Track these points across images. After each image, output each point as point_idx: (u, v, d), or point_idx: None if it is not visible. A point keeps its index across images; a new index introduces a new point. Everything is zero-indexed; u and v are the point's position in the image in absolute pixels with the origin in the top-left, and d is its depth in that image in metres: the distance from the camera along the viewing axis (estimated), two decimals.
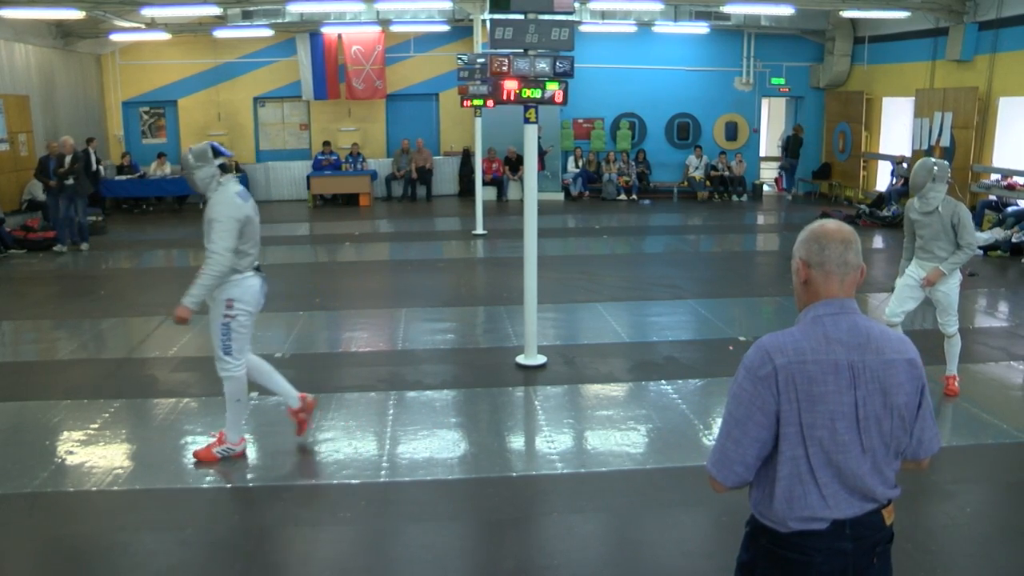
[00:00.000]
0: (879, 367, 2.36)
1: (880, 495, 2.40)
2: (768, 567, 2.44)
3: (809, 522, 2.36)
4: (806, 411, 2.31)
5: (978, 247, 12.60)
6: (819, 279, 2.41)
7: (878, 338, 2.39)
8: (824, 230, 2.43)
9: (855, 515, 2.37)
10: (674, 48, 19.78)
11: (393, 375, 7.34)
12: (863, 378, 2.33)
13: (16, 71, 15.50)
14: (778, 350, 2.34)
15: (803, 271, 2.43)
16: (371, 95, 19.62)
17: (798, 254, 2.45)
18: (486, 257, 13.31)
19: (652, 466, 5.56)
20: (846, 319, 2.38)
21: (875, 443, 2.36)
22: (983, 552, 4.51)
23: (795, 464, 2.34)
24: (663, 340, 8.35)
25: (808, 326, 2.39)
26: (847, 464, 2.33)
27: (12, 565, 4.44)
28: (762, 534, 2.45)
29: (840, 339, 2.35)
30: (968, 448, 5.77)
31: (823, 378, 2.31)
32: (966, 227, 6.21)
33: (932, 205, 6.23)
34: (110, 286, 11.22)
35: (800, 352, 2.33)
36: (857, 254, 2.41)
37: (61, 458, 5.64)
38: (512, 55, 6.85)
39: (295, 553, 4.52)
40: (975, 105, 14.55)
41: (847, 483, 2.36)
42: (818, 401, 2.30)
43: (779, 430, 2.34)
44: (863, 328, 2.39)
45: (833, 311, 2.39)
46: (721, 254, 14.10)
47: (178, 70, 19.45)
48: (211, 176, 5.41)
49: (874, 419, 2.35)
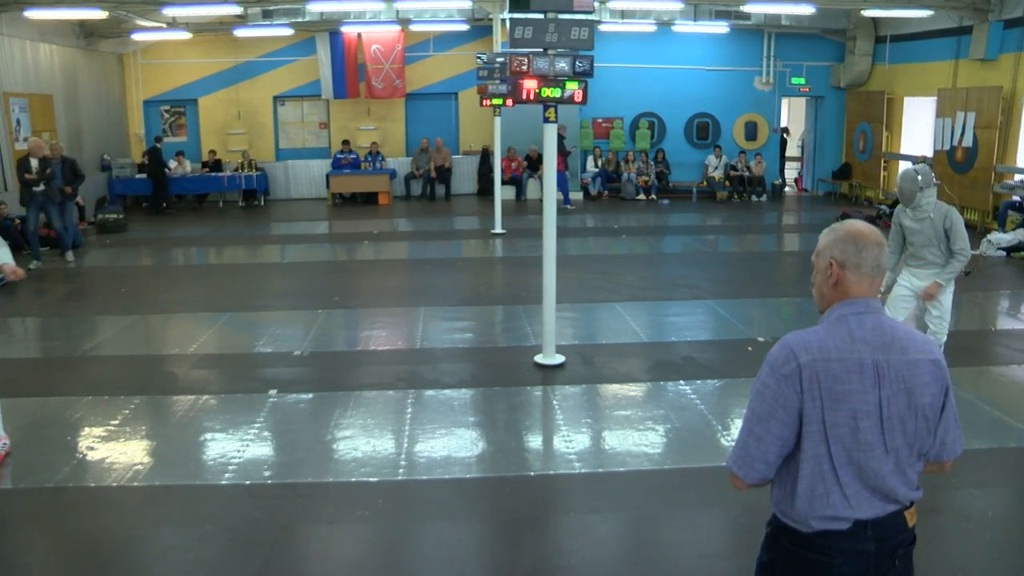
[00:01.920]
0: (904, 367, 2.34)
1: (902, 496, 2.38)
2: (788, 568, 2.43)
3: (831, 521, 2.34)
4: (829, 409, 2.30)
5: (999, 248, 12.57)
6: (852, 280, 2.40)
7: (903, 338, 2.38)
8: (859, 232, 2.42)
9: (877, 516, 2.36)
10: (694, 48, 19.69)
11: (411, 374, 7.35)
12: (887, 378, 2.32)
13: (40, 71, 15.67)
14: (803, 348, 2.34)
15: (836, 272, 2.42)
16: (390, 94, 19.67)
17: (830, 254, 2.43)
18: (504, 256, 13.30)
19: (670, 466, 5.54)
20: (871, 318, 2.38)
21: (899, 443, 2.35)
22: (1005, 557, 4.46)
23: (817, 463, 2.33)
24: (682, 340, 8.32)
25: (833, 325, 2.38)
26: (869, 464, 2.32)
27: (35, 559, 4.49)
28: (783, 534, 2.44)
29: (865, 338, 2.35)
30: (991, 451, 5.70)
31: (847, 377, 2.30)
32: (959, 232, 6.08)
33: (926, 212, 6.12)
34: (131, 283, 11.30)
35: (825, 350, 2.32)
36: (887, 256, 2.43)
37: (82, 454, 5.69)
38: (532, 54, 6.84)
39: (313, 550, 4.54)
40: (999, 105, 14.38)
41: (869, 483, 2.34)
42: (841, 399, 2.30)
43: (802, 428, 2.33)
44: (888, 328, 2.38)
45: (858, 310, 2.39)
46: (740, 254, 14.03)
47: (199, 69, 19.58)
48: None
49: (898, 419, 2.33)
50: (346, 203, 19.20)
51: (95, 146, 17.99)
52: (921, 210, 6.13)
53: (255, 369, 7.58)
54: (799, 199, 20.39)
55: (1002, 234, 13.03)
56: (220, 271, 12.78)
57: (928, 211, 6.11)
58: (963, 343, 6.58)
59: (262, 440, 5.96)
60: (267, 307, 9.84)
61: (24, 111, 14.81)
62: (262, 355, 7.99)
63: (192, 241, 14.80)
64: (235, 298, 10.33)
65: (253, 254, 13.90)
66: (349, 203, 19.21)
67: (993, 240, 12.80)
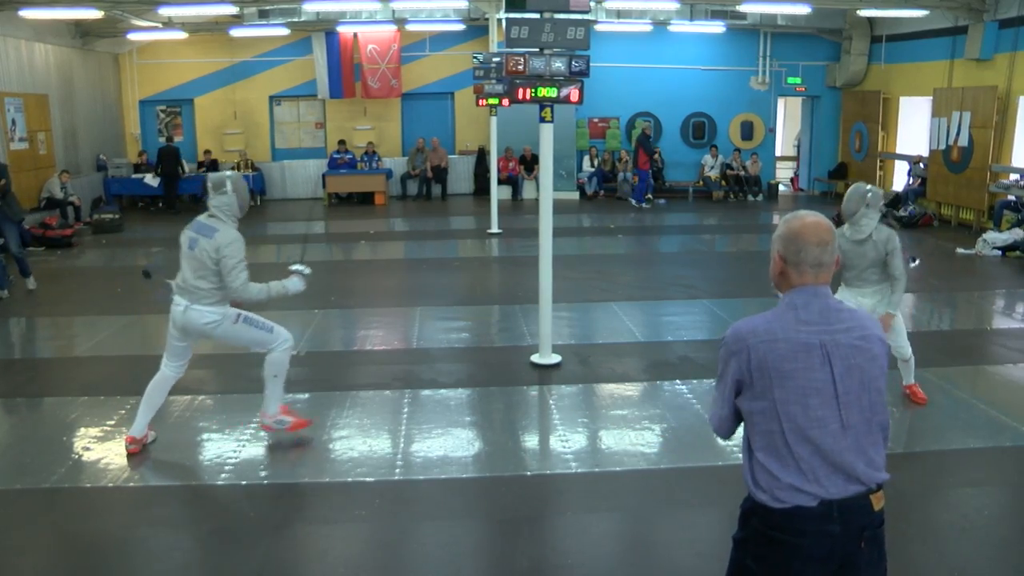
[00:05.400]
0: (851, 345, 2.49)
1: (864, 476, 2.48)
2: (759, 547, 2.54)
3: (794, 494, 2.45)
4: (778, 387, 2.46)
5: (995, 247, 12.60)
6: (793, 275, 2.55)
7: (848, 318, 2.53)
8: (800, 231, 2.53)
9: (842, 496, 2.45)
10: (690, 47, 19.70)
11: (408, 373, 7.35)
12: (837, 355, 2.47)
13: (36, 70, 15.64)
14: (751, 332, 2.52)
15: (779, 264, 2.57)
16: (387, 94, 19.66)
17: (775, 247, 2.59)
18: (501, 256, 13.31)
19: (666, 466, 5.55)
20: (818, 303, 2.53)
21: (855, 419, 2.47)
22: (1000, 555, 4.47)
23: (771, 438, 2.48)
24: (678, 340, 8.33)
25: (781, 310, 2.55)
26: (824, 440, 2.45)
27: (30, 560, 4.47)
28: (754, 514, 2.55)
29: (811, 320, 2.50)
30: (986, 450, 5.72)
31: (793, 356, 2.46)
32: (897, 256, 5.95)
33: (864, 232, 5.93)
34: (127, 284, 11.27)
35: (771, 332, 2.50)
36: (832, 253, 2.54)
37: (78, 454, 5.68)
38: (528, 54, 6.84)
39: (310, 550, 4.53)
40: (994, 104, 14.41)
41: (828, 459, 2.45)
42: (788, 377, 2.45)
43: (757, 406, 2.49)
44: (834, 309, 2.53)
45: (806, 297, 2.53)
46: (736, 254, 14.04)
47: (195, 69, 19.54)
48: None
49: (854, 395, 2.47)
50: (342, 203, 19.19)
51: (91, 146, 17.97)
52: (859, 229, 5.96)
53: (251, 369, 7.54)
54: (795, 198, 20.42)
55: (997, 233, 13.06)
56: None
57: (867, 232, 5.93)
58: (959, 342, 6.60)
59: (258, 440, 5.95)
60: (263, 307, 9.81)
61: (19, 111, 14.78)
62: (258, 355, 7.94)
63: None
64: None
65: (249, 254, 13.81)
66: (345, 203, 19.20)
67: (989, 240, 12.83)
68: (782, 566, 2.48)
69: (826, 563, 2.46)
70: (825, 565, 2.46)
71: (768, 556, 2.51)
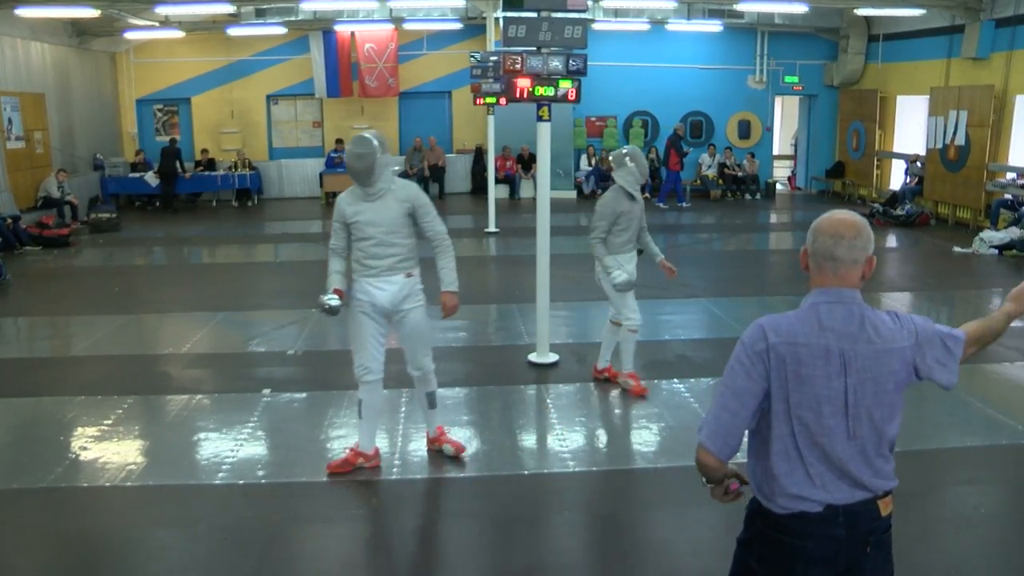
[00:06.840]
0: (870, 356, 2.41)
1: (870, 484, 2.45)
2: (763, 548, 2.52)
3: (800, 501, 2.42)
4: (794, 391, 2.40)
5: (992, 246, 12.61)
6: (813, 268, 2.49)
7: (871, 329, 2.43)
8: (822, 222, 2.49)
9: (848, 502, 2.43)
10: (687, 46, 19.69)
11: (404, 373, 7.27)
12: (854, 366, 2.40)
13: (32, 69, 15.62)
14: (772, 329, 2.43)
15: (803, 254, 2.52)
16: (384, 93, 19.64)
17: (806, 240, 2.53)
18: (498, 255, 13.30)
19: (664, 465, 5.55)
20: (841, 308, 2.44)
21: (865, 432, 2.42)
22: (998, 553, 4.48)
23: (783, 441, 2.43)
24: (676, 339, 8.33)
25: (804, 312, 2.47)
26: (832, 448, 2.41)
27: (27, 559, 4.47)
28: (759, 516, 2.52)
29: (833, 327, 2.42)
30: (983, 448, 5.73)
31: (812, 361, 2.39)
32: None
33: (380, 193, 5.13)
34: (124, 283, 11.27)
35: (793, 334, 2.41)
36: (851, 249, 2.43)
37: (75, 454, 5.67)
38: (525, 53, 6.84)
39: (306, 549, 4.53)
40: (991, 103, 14.42)
41: (834, 466, 2.42)
42: (805, 383, 2.39)
43: (771, 407, 2.42)
44: (857, 317, 2.44)
45: (829, 300, 2.45)
46: (734, 253, 14.05)
47: (191, 68, 19.51)
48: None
49: (865, 408, 2.41)
50: None
51: (88, 145, 17.94)
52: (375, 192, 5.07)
53: (249, 368, 7.56)
54: (792, 197, 20.42)
55: (994, 232, 13.08)
56: (214, 270, 12.75)
57: (388, 188, 5.13)
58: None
59: (256, 439, 5.95)
60: (261, 306, 9.83)
61: (16, 110, 14.77)
62: (256, 354, 7.98)
63: (186, 240, 14.76)
64: (229, 297, 10.31)
65: (247, 253, 13.88)
66: None
67: (985, 238, 12.85)
68: (786, 568, 2.46)
69: (831, 566, 2.44)
70: (830, 568, 2.45)
71: (772, 558, 2.50)
